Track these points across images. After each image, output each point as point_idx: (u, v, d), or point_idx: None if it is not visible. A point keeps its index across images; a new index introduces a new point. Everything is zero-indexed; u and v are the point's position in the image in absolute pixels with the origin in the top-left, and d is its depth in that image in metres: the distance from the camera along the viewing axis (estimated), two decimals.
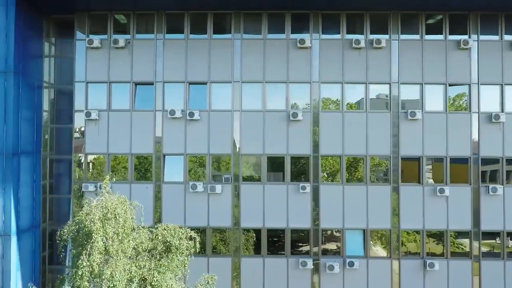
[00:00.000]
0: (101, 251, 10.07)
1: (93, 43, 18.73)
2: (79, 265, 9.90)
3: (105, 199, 10.85)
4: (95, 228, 10.14)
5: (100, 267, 10.03)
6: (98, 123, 18.85)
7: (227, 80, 18.81)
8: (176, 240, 11.26)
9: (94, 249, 9.96)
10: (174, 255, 11.11)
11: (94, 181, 18.79)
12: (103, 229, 10.22)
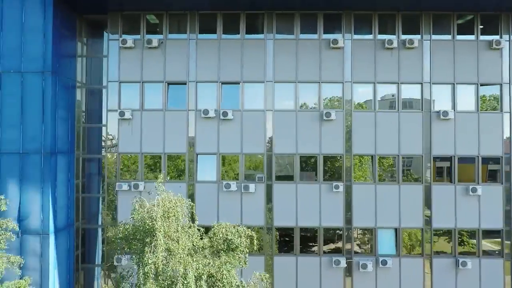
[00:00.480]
0: (164, 249, 10.17)
1: (127, 43, 18.83)
2: (144, 263, 9.99)
3: (166, 198, 10.96)
4: (158, 226, 10.24)
5: (164, 265, 10.13)
6: (131, 123, 18.94)
7: (260, 80, 18.92)
8: (237, 238, 11.36)
9: (158, 247, 10.06)
10: (235, 253, 11.21)
11: (128, 180, 18.87)
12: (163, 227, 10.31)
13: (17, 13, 17.12)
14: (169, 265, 10.14)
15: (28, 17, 17.12)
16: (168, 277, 10.02)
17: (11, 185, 16.86)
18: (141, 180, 18.91)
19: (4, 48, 17.12)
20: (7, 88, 17.05)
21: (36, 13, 17.12)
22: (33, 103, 17.00)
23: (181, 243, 10.58)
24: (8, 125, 17.00)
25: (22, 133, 17.00)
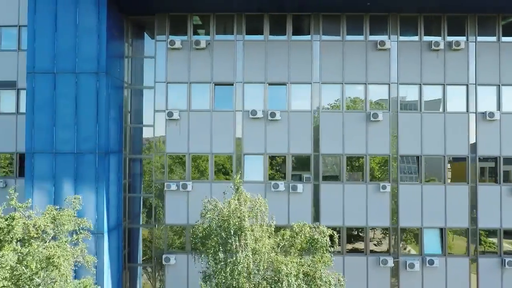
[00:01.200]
0: (253, 248, 10.33)
1: (175, 44, 18.98)
2: (235, 262, 10.14)
3: (247, 197, 11.14)
4: (246, 225, 10.40)
5: (251, 264, 10.28)
6: (179, 123, 19.10)
7: (307, 81, 19.10)
8: (324, 238, 11.53)
9: (249, 246, 10.22)
10: (322, 252, 11.37)
11: (176, 180, 19.02)
12: (250, 226, 10.48)
13: (71, 15, 17.27)
14: (260, 264, 10.30)
15: (82, 18, 17.27)
16: (265, 276, 10.17)
17: (66, 184, 17.01)
18: (188, 180, 19.05)
19: (59, 49, 17.27)
20: (62, 89, 17.20)
21: (90, 14, 17.26)
22: (87, 103, 17.14)
23: (267, 242, 10.76)
24: (62, 125, 17.15)
25: (77, 133, 17.15)
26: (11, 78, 21.18)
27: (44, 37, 17.28)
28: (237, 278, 10.08)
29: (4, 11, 21.14)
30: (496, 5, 18.31)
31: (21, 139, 21.08)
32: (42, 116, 17.19)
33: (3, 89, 21.28)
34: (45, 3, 17.27)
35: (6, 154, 20.66)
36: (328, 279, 10.63)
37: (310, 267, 10.78)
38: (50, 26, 17.29)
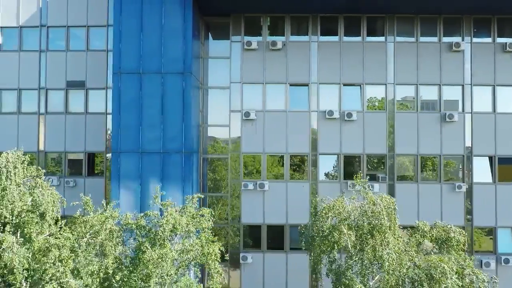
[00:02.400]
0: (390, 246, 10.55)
1: (251, 45, 19.16)
2: (379, 258, 10.34)
3: (386, 197, 11.40)
4: (385, 223, 10.63)
5: (394, 262, 10.50)
6: (255, 123, 19.29)
7: (381, 82, 19.30)
8: (462, 237, 11.72)
9: (390, 244, 10.44)
10: (457, 250, 11.58)
11: (253, 180, 19.21)
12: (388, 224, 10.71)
13: (156, 16, 17.46)
14: (397, 262, 10.52)
15: (167, 19, 17.45)
16: (407, 274, 10.39)
17: (152, 184, 17.14)
18: (264, 179, 19.24)
19: (145, 50, 17.46)
20: (148, 89, 17.38)
21: (175, 15, 17.45)
22: (173, 103, 17.33)
23: (400, 240, 11.00)
24: (149, 125, 17.33)
25: (163, 132, 17.33)
26: (80, 78, 21.48)
27: (130, 38, 17.48)
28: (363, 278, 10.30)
29: (73, 12, 21.40)
30: None
31: (89, 139, 21.40)
32: (128, 116, 17.38)
33: (72, 89, 21.54)
34: (131, 4, 17.47)
35: (79, 154, 20.88)
36: (482, 277, 10.83)
37: (458, 265, 10.99)
38: (136, 27, 17.48)
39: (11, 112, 21.63)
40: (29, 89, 21.62)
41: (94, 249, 10.79)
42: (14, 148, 20.43)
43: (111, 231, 11.14)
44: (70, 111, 21.50)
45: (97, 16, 21.39)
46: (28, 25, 21.70)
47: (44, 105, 21.52)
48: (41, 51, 21.60)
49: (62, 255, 9.77)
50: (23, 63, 21.63)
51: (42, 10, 21.66)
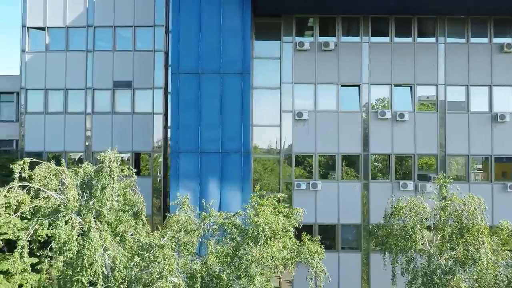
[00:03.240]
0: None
1: (304, 46, 19.27)
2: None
3: (469, 197, 11.53)
4: (478, 223, 10.77)
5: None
6: (307, 123, 19.39)
7: (432, 82, 19.43)
8: None
9: (486, 243, 10.59)
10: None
11: (306, 180, 19.31)
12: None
13: (215, 16, 17.56)
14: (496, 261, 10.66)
15: (226, 20, 17.56)
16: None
17: (211, 183, 17.28)
18: (317, 179, 19.34)
19: (203, 50, 17.55)
20: (207, 89, 17.48)
21: (234, 16, 17.57)
22: (232, 103, 17.43)
23: (492, 240, 11.15)
24: (207, 125, 17.42)
25: (222, 132, 17.42)
26: (127, 78, 21.57)
27: (188, 39, 17.57)
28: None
29: (119, 12, 21.50)
30: None
31: (136, 139, 21.48)
32: (187, 116, 17.47)
33: (119, 89, 21.63)
34: (189, 5, 17.56)
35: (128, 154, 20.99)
36: None
37: None
38: (195, 28, 17.58)
39: (58, 112, 21.72)
40: (75, 89, 21.71)
41: (193, 247, 10.88)
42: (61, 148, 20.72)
43: (208, 230, 11.22)
44: (116, 111, 21.59)
45: (144, 16, 21.50)
46: (74, 25, 21.79)
47: (91, 105, 21.60)
48: (87, 51, 21.69)
49: (166, 254, 9.84)
50: (70, 63, 21.73)
51: (88, 10, 21.75)
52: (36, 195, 10.57)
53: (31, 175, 10.73)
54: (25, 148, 21.52)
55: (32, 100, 21.85)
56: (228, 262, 10.40)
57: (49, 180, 10.60)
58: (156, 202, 21.45)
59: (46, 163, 11.37)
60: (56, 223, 9.78)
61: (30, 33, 21.92)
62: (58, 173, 10.91)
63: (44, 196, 10.38)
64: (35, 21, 21.87)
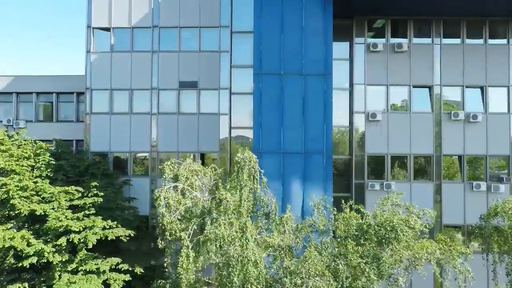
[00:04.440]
0: None
1: (377, 47, 19.38)
2: None
3: None
4: None
5: None
6: (379, 124, 19.51)
7: (504, 84, 19.57)
8: None
9: None
10: None
11: (379, 180, 19.44)
12: None
13: (297, 18, 17.61)
14: None
15: (308, 21, 17.61)
16: None
17: (294, 184, 17.34)
18: (389, 180, 19.46)
19: (285, 52, 17.60)
20: (289, 90, 17.54)
21: (316, 17, 17.61)
22: (315, 104, 17.48)
23: None
24: (290, 126, 17.48)
25: (304, 133, 17.49)
26: (192, 78, 21.64)
27: (270, 40, 17.62)
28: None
29: (184, 13, 21.57)
30: None
31: (202, 139, 21.57)
32: (269, 117, 17.52)
33: (184, 89, 21.70)
34: (271, 7, 17.61)
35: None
36: None
37: None
38: (276, 29, 17.63)
39: (123, 113, 21.77)
40: (141, 89, 21.76)
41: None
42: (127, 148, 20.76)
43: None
44: (182, 111, 21.67)
45: (209, 17, 21.60)
46: (139, 26, 21.85)
47: (156, 105, 21.66)
48: (153, 52, 21.74)
49: (311, 254, 9.92)
50: (135, 63, 21.78)
51: (154, 11, 21.81)
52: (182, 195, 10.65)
53: (177, 175, 10.80)
54: (90, 148, 21.55)
55: (97, 101, 21.90)
56: (370, 262, 10.48)
57: (193, 180, 10.68)
58: None
59: (185, 162, 11.44)
60: (218, 222, 9.83)
61: (95, 34, 21.94)
62: (197, 173, 10.98)
63: (191, 196, 10.46)
64: (100, 22, 21.92)
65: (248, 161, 10.86)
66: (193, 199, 10.58)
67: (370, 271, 10.35)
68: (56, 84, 23.65)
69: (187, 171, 11.03)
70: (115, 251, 17.63)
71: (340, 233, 12.53)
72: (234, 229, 9.99)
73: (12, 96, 23.79)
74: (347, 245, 11.13)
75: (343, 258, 10.85)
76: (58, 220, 15.31)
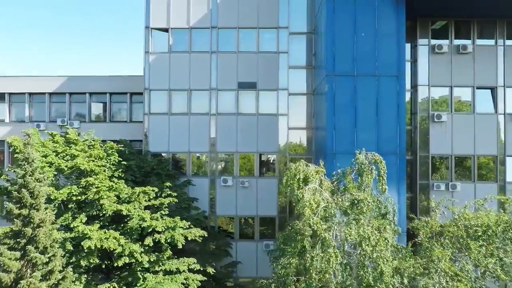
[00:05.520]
0: None
1: (442, 49, 19.52)
2: None
3: None
4: None
5: None
6: (444, 125, 19.65)
7: None
8: None
9: None
10: None
11: (444, 181, 19.58)
12: None
13: (370, 20, 17.70)
14: None
15: (381, 23, 17.70)
16: None
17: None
18: (453, 180, 19.62)
19: (358, 53, 17.70)
20: (362, 91, 17.63)
21: (389, 19, 17.69)
22: (388, 106, 17.57)
23: None
24: (363, 127, 17.58)
25: (377, 134, 17.59)
26: (251, 79, 21.72)
27: (343, 42, 17.70)
28: None
29: (243, 14, 21.66)
30: None
31: (261, 139, 21.66)
32: (342, 118, 17.62)
33: (243, 90, 21.78)
34: (344, 10, 17.69)
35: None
36: None
37: None
38: (349, 31, 17.73)
39: (182, 113, 21.83)
40: (199, 90, 21.83)
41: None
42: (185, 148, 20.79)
43: None
44: (241, 112, 21.75)
45: (267, 18, 21.71)
46: (198, 26, 21.91)
47: (215, 106, 21.74)
48: (211, 53, 21.81)
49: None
50: (193, 64, 21.86)
51: (212, 12, 21.88)
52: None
53: (307, 176, 10.91)
54: (148, 148, 21.60)
55: (156, 101, 21.94)
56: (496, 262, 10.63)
57: (323, 181, 10.79)
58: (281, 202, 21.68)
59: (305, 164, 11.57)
60: (361, 222, 9.95)
61: (152, 34, 21.99)
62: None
63: (322, 198, 10.55)
64: (159, 22, 21.97)
65: (372, 162, 10.94)
66: (325, 200, 10.68)
67: (500, 272, 10.49)
68: (109, 85, 23.67)
69: (314, 172, 11.13)
70: (181, 251, 17.64)
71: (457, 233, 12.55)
72: (371, 230, 10.11)
73: (65, 96, 23.79)
74: (470, 245, 11.26)
75: (466, 258, 10.99)
76: (143, 220, 15.37)
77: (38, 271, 11.25)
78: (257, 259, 21.27)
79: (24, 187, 11.57)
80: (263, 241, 21.20)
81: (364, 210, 10.47)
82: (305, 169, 11.49)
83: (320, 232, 10.13)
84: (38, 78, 24.13)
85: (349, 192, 10.78)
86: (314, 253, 10.17)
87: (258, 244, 21.32)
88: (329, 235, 10.15)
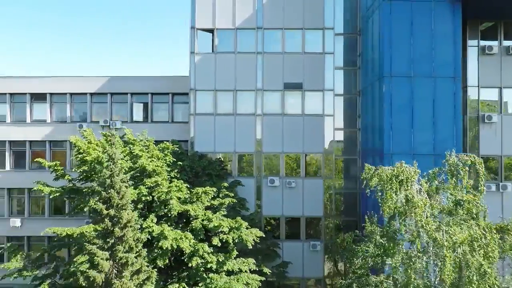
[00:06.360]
0: None
1: (492, 50, 19.64)
2: None
3: None
4: None
5: None
6: (494, 126, 19.77)
7: None
8: None
9: None
10: None
11: (495, 182, 19.71)
12: None
13: (426, 21, 17.84)
14: None
15: (437, 25, 17.82)
16: None
17: None
18: (503, 181, 19.75)
19: (415, 54, 17.81)
20: (419, 92, 17.77)
21: (445, 21, 17.84)
22: (445, 106, 17.72)
23: None
24: (420, 127, 17.70)
25: (434, 135, 17.71)
26: (297, 80, 21.80)
27: (400, 43, 17.83)
28: None
29: (288, 14, 21.72)
30: None
31: (307, 140, 21.74)
32: (400, 119, 17.74)
33: (289, 90, 21.85)
34: (401, 11, 17.83)
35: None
36: None
37: None
38: (406, 33, 17.83)
39: (227, 113, 21.88)
40: (245, 90, 21.88)
41: None
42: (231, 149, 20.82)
43: None
44: (286, 112, 21.82)
45: (312, 19, 21.78)
46: (243, 27, 21.96)
47: (261, 106, 21.80)
48: (257, 53, 21.87)
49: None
50: (239, 64, 21.90)
51: (257, 12, 21.92)
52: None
53: (402, 178, 11.04)
54: (194, 148, 21.62)
55: (201, 102, 21.98)
56: None
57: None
58: (327, 202, 21.79)
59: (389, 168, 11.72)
60: (470, 222, 10.10)
61: (198, 35, 22.02)
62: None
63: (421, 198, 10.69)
64: (204, 23, 22.00)
65: (472, 164, 11.08)
66: (426, 201, 10.81)
67: None
68: (152, 85, 23.69)
69: (413, 173, 11.28)
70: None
71: None
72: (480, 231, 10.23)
73: (106, 96, 23.81)
74: None
75: None
76: (208, 220, 15.43)
77: (126, 271, 11.30)
78: (303, 259, 21.36)
79: (111, 187, 11.60)
80: (309, 241, 21.29)
81: (473, 211, 10.60)
82: (407, 170, 11.60)
83: (431, 232, 10.24)
84: (79, 78, 24.12)
85: (449, 193, 10.92)
86: (413, 254, 10.31)
87: (305, 244, 21.40)
88: (439, 235, 10.26)
